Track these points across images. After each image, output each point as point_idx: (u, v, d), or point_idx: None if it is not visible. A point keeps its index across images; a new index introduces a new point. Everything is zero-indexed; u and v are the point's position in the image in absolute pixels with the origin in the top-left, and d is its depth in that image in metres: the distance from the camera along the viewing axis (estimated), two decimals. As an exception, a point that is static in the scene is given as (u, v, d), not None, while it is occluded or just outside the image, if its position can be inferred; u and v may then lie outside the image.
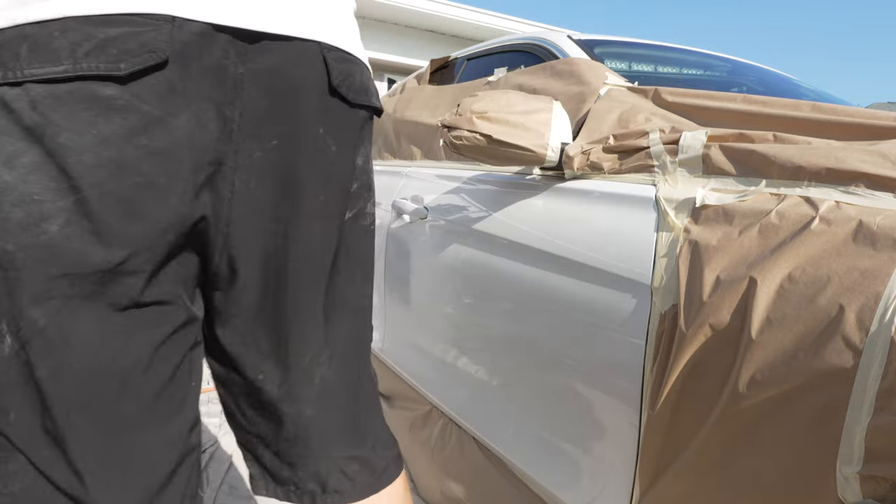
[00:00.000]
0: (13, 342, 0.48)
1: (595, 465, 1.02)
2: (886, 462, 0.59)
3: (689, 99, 1.10)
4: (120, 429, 0.53)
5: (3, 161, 0.46)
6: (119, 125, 0.48)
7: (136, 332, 0.53)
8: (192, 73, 0.51)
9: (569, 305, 1.08)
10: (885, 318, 0.61)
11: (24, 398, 0.48)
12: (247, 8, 0.54)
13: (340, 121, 0.60)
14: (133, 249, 0.50)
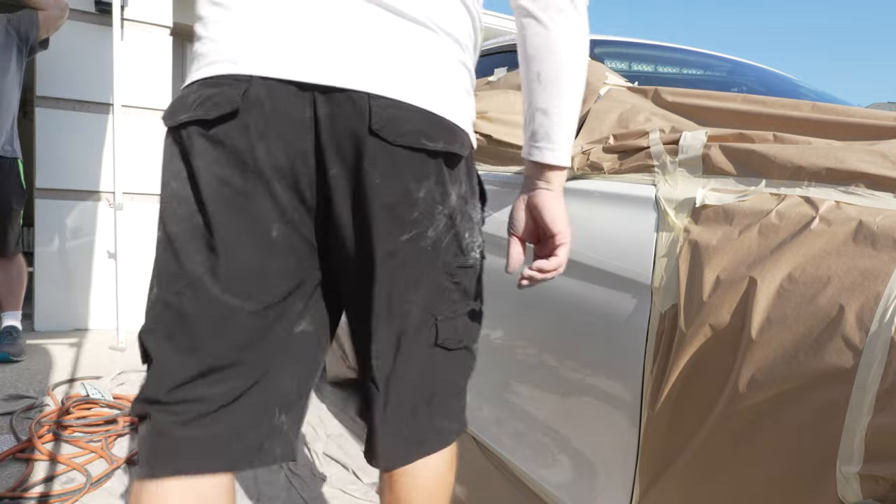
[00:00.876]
0: (184, 289, 0.74)
1: (595, 465, 1.02)
2: (886, 462, 0.59)
3: (689, 99, 1.10)
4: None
5: (174, 175, 0.73)
6: (219, 152, 0.71)
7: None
8: (265, 115, 0.70)
9: (569, 305, 1.08)
10: (885, 318, 0.61)
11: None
12: (313, 64, 0.70)
13: (384, 159, 0.73)
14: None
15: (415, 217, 0.76)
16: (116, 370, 2.53)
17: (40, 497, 1.51)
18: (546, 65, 0.82)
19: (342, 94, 0.71)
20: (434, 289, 0.81)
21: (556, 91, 0.82)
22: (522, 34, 0.84)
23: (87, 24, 3.09)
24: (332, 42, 0.71)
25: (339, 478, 1.72)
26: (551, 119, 0.83)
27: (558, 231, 0.85)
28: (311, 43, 0.71)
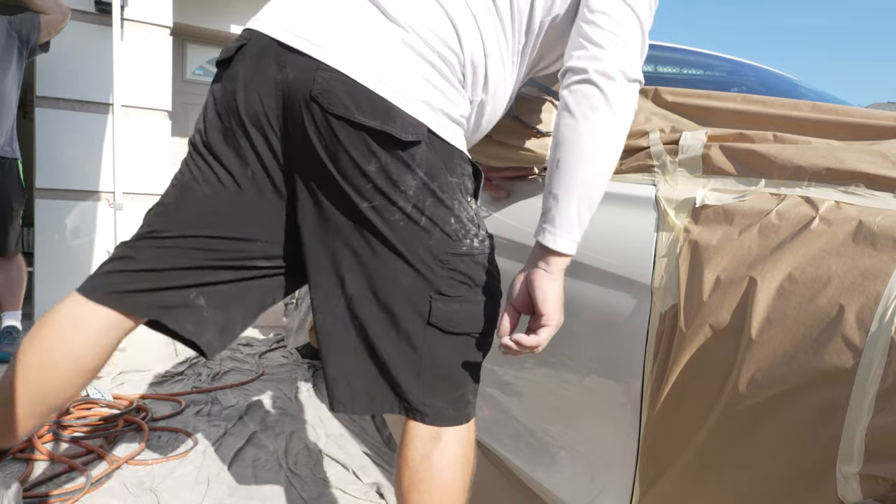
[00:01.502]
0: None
1: (595, 465, 1.02)
2: (886, 462, 0.59)
3: (689, 99, 1.10)
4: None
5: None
6: (221, 90, 0.92)
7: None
8: (249, 66, 0.88)
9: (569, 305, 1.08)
10: (885, 318, 0.61)
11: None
12: (294, 32, 0.86)
13: (324, 125, 0.86)
14: None
15: (369, 188, 0.87)
16: (116, 370, 2.53)
17: (40, 497, 1.51)
18: (567, 153, 0.85)
19: (303, 59, 0.85)
20: (425, 267, 0.90)
21: (571, 179, 0.85)
22: (556, 122, 0.88)
23: (87, 24, 3.09)
24: (320, 20, 0.86)
25: (339, 478, 1.72)
26: (560, 205, 0.86)
27: (546, 312, 0.87)
28: (305, 18, 0.87)
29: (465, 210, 0.93)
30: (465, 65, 0.90)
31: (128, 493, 1.58)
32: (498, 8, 0.90)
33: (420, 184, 0.88)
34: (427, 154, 0.88)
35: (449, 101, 0.89)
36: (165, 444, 1.88)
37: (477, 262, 0.94)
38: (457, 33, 0.88)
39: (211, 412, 2.14)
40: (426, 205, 0.89)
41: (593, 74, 0.83)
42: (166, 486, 1.62)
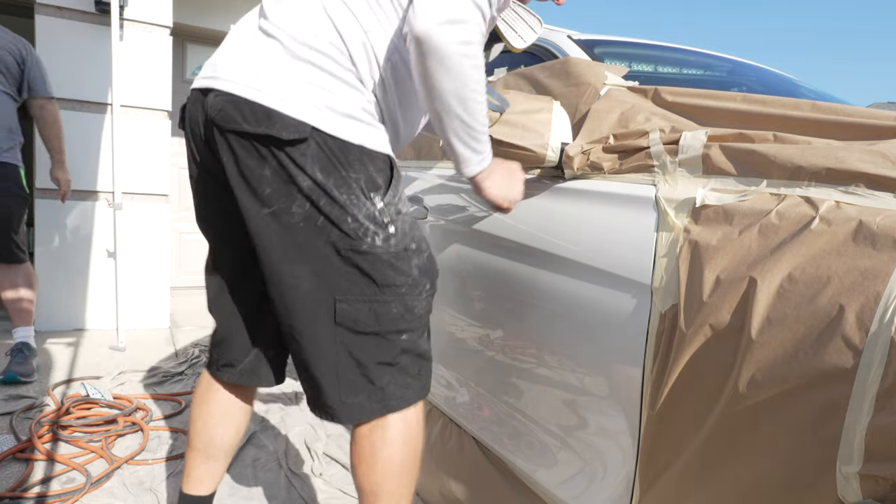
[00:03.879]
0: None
1: (595, 465, 1.02)
2: (886, 462, 0.59)
3: (689, 98, 1.10)
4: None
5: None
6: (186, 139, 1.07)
7: None
8: (188, 117, 1.04)
9: (569, 305, 1.08)
10: (885, 318, 0.61)
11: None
12: (204, 75, 0.99)
13: (223, 142, 0.96)
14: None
15: (269, 192, 0.94)
16: (116, 370, 2.53)
17: (40, 497, 1.51)
18: (426, 106, 0.99)
19: (207, 94, 0.97)
20: (327, 267, 0.95)
21: (440, 127, 1.00)
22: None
23: (87, 24, 3.08)
24: (223, 60, 0.98)
25: (339, 478, 1.72)
26: (451, 149, 1.04)
27: (492, 200, 1.13)
28: (215, 63, 0.99)
29: (363, 208, 0.95)
30: (350, 52, 0.93)
31: (128, 493, 1.58)
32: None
33: (312, 183, 0.92)
34: (318, 152, 0.92)
35: (339, 97, 0.93)
36: (165, 444, 1.88)
37: (382, 261, 0.96)
38: (334, 25, 0.93)
39: (211, 412, 2.14)
40: (322, 204, 0.93)
41: (409, 35, 0.89)
42: (166, 486, 1.62)
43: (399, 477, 1.02)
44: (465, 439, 1.46)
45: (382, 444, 1.01)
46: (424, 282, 1.01)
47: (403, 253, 0.98)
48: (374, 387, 0.99)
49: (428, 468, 1.57)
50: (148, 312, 3.33)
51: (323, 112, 0.92)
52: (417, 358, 1.02)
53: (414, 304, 1.00)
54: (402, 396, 1.01)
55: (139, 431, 1.93)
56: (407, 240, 0.99)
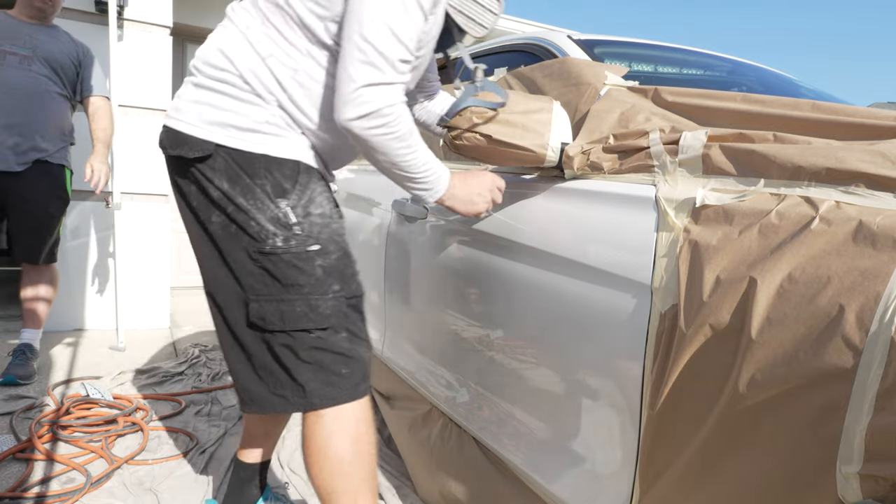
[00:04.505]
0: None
1: (595, 465, 1.02)
2: (886, 462, 0.59)
3: (689, 98, 1.10)
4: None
5: None
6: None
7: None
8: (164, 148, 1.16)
9: (569, 305, 1.08)
10: (885, 318, 0.61)
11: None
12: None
13: (168, 165, 1.15)
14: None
15: (196, 206, 1.10)
16: (116, 370, 2.53)
17: (40, 497, 1.51)
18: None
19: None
20: (243, 270, 1.07)
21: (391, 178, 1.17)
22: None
23: (87, 24, 3.09)
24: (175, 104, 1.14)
25: (339, 478, 1.72)
26: (410, 192, 1.20)
27: (460, 212, 1.25)
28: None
29: (268, 211, 1.05)
30: (245, 77, 1.06)
31: (128, 493, 1.58)
32: (268, 19, 1.06)
33: (221, 194, 1.06)
34: (224, 165, 1.06)
35: (238, 114, 1.06)
36: (165, 444, 1.88)
37: (284, 262, 1.05)
38: (227, 56, 1.07)
39: (211, 412, 2.14)
40: (230, 211, 1.06)
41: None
42: (166, 486, 1.62)
43: (345, 476, 1.09)
44: (465, 439, 1.46)
45: (323, 442, 1.08)
46: (330, 282, 1.07)
47: (305, 254, 1.06)
48: (295, 383, 1.08)
49: (428, 468, 1.57)
50: (148, 312, 3.33)
51: (225, 129, 1.06)
52: (341, 357, 1.08)
53: (318, 304, 1.06)
54: (325, 394, 1.07)
55: (139, 431, 1.93)
56: (310, 241, 1.06)
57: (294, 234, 1.05)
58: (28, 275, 2.46)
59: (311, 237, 1.06)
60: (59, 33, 2.49)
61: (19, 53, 2.34)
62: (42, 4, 2.40)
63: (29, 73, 2.34)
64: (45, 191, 2.40)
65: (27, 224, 2.39)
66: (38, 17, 2.43)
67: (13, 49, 2.33)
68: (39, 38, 2.40)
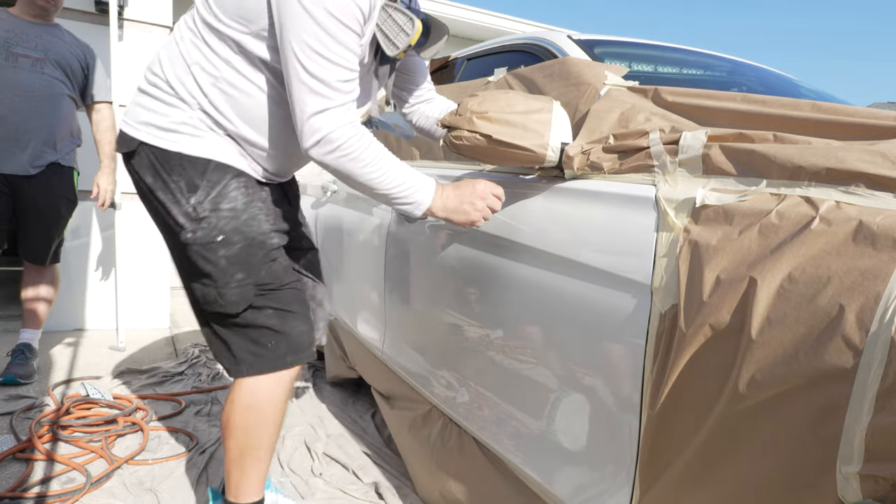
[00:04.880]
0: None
1: (595, 465, 1.02)
2: (886, 462, 0.59)
3: (690, 98, 1.10)
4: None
5: None
6: None
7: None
8: None
9: (569, 305, 1.08)
10: (885, 318, 0.61)
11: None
12: None
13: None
14: None
15: (139, 198, 1.26)
16: (116, 370, 2.53)
17: (40, 497, 1.51)
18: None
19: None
20: (175, 254, 1.25)
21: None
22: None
23: (87, 24, 3.09)
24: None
25: (339, 478, 1.72)
26: (394, 206, 1.25)
27: (453, 221, 1.25)
28: None
29: (181, 206, 1.17)
30: (170, 82, 1.17)
31: (128, 493, 1.58)
32: (199, 31, 1.17)
33: (146, 187, 1.20)
34: (147, 161, 1.19)
35: (160, 115, 1.18)
36: (165, 444, 1.88)
37: (194, 252, 1.19)
38: (160, 63, 1.19)
39: (211, 412, 2.14)
40: (154, 204, 1.21)
41: None
42: (166, 486, 1.62)
43: (238, 439, 1.26)
44: (465, 439, 1.46)
45: (231, 406, 1.26)
46: (233, 271, 1.19)
47: (210, 245, 1.17)
48: (230, 353, 1.26)
49: (428, 468, 1.57)
50: (148, 312, 3.33)
51: (148, 128, 1.18)
52: (267, 331, 1.24)
53: (224, 292, 1.19)
54: (251, 363, 1.24)
55: (139, 431, 1.93)
56: (214, 233, 1.17)
57: (201, 227, 1.17)
58: (29, 275, 2.47)
59: (215, 229, 1.17)
60: (64, 33, 2.49)
61: (31, 56, 2.33)
62: (45, 3, 2.40)
63: (42, 76, 2.34)
64: (56, 193, 2.42)
65: (37, 226, 2.40)
66: (40, 16, 2.42)
67: (25, 52, 2.33)
68: (49, 40, 2.40)
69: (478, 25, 4.81)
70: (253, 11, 1.10)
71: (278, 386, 1.26)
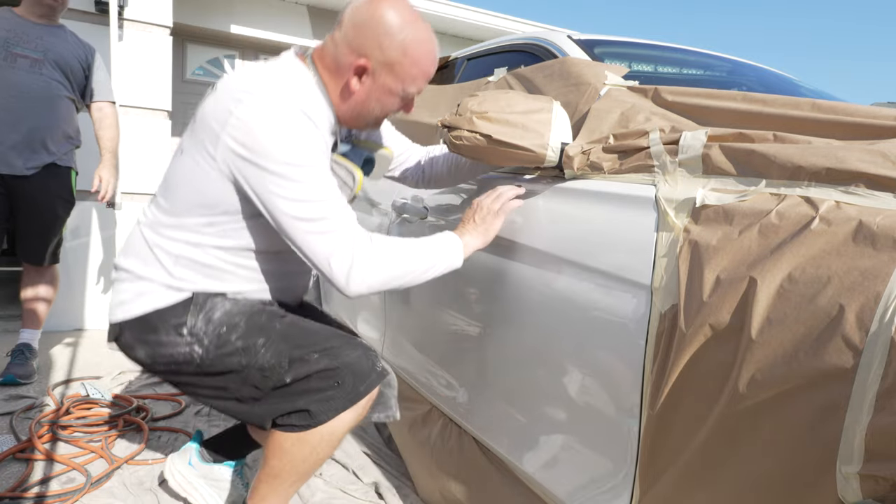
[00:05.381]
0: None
1: (595, 465, 1.02)
2: (886, 462, 0.59)
3: (690, 98, 1.10)
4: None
5: None
6: None
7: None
8: None
9: (569, 306, 1.08)
10: (885, 318, 0.61)
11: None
12: None
13: None
14: None
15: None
16: (116, 370, 2.53)
17: (40, 497, 1.51)
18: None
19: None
20: (204, 388, 1.27)
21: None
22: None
23: (87, 24, 3.09)
24: None
25: (338, 478, 1.72)
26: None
27: (476, 222, 1.25)
28: None
29: (179, 345, 1.20)
30: (131, 268, 1.22)
31: (128, 493, 1.58)
32: (153, 224, 1.23)
33: (148, 360, 1.24)
34: (133, 336, 1.23)
35: (128, 291, 1.22)
36: (165, 444, 1.88)
37: (215, 360, 1.20)
38: (122, 256, 1.25)
39: (211, 412, 2.14)
40: (164, 363, 1.23)
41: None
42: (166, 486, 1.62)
43: (281, 460, 1.21)
44: (465, 439, 1.46)
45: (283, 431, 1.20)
46: (253, 340, 1.17)
47: (221, 343, 1.17)
48: (305, 414, 1.17)
49: (428, 468, 1.57)
50: (148, 312, 3.33)
51: (120, 307, 1.20)
52: (325, 373, 1.15)
53: (260, 361, 1.16)
54: (327, 408, 1.16)
55: (139, 431, 1.93)
56: (219, 330, 1.18)
57: (206, 338, 1.17)
58: (29, 275, 2.47)
59: (217, 329, 1.18)
60: (67, 34, 2.48)
61: (30, 56, 2.32)
62: (52, 2, 2.38)
63: (40, 77, 2.33)
64: (52, 194, 2.41)
65: (34, 226, 2.39)
66: (46, 16, 2.40)
67: (24, 52, 2.32)
68: (50, 41, 2.39)
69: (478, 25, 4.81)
70: (214, 198, 1.13)
71: (342, 426, 1.18)
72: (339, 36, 1.14)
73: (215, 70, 4.49)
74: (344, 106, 1.18)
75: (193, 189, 1.14)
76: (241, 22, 4.29)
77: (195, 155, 1.12)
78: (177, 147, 1.20)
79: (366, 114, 1.20)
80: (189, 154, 1.13)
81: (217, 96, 1.10)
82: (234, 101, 1.06)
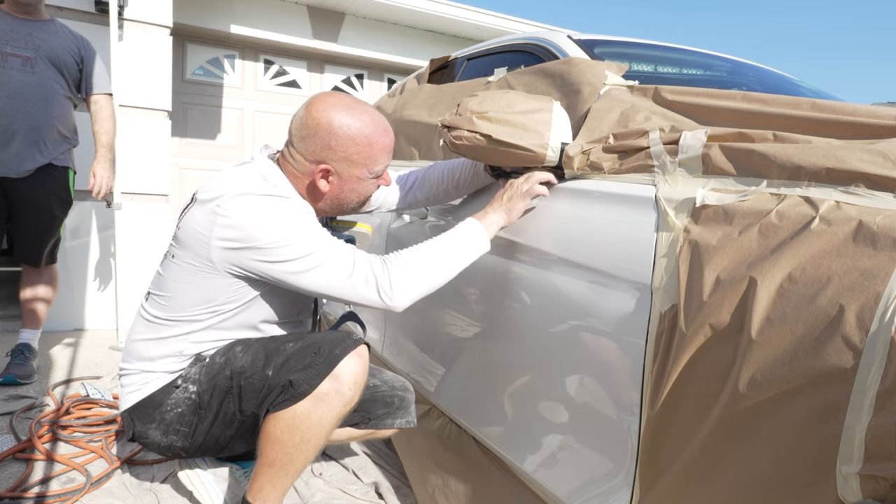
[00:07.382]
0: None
1: (595, 465, 1.02)
2: (886, 462, 0.59)
3: (690, 97, 1.10)
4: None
5: None
6: None
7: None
8: None
9: (569, 305, 1.08)
10: (885, 318, 0.61)
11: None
12: None
13: None
14: None
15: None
16: (116, 370, 2.53)
17: (40, 497, 1.50)
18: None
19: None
20: (223, 421, 1.33)
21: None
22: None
23: (87, 24, 3.09)
24: None
25: (338, 478, 1.72)
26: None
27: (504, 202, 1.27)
28: None
29: (184, 405, 1.30)
30: (133, 370, 1.32)
31: (128, 493, 1.58)
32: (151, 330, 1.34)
33: (159, 442, 1.35)
34: (136, 423, 1.32)
35: (135, 382, 1.32)
36: (165, 444, 1.88)
37: (209, 389, 1.29)
38: (126, 361, 1.34)
39: (211, 412, 2.14)
40: (176, 432, 1.33)
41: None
42: (166, 486, 1.62)
43: (274, 449, 1.24)
44: (464, 439, 1.46)
45: (273, 420, 1.23)
46: (233, 351, 1.25)
47: (209, 369, 1.26)
48: (288, 387, 1.21)
49: (428, 468, 1.57)
50: (148, 312, 3.33)
51: (126, 398, 1.30)
52: (302, 352, 1.21)
53: (240, 364, 1.24)
54: (307, 377, 1.20)
55: (139, 431, 1.93)
56: (212, 361, 1.27)
57: (204, 377, 1.26)
58: (28, 275, 2.46)
59: (212, 367, 1.26)
60: (58, 27, 2.43)
61: (21, 55, 2.29)
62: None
63: (33, 76, 2.30)
64: (49, 194, 2.39)
65: (30, 226, 2.38)
66: (28, 12, 2.35)
67: (14, 50, 2.28)
68: (41, 38, 2.35)
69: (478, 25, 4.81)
70: (217, 293, 1.22)
71: (330, 411, 1.20)
72: (292, 150, 1.26)
73: (215, 70, 4.49)
74: (320, 203, 1.29)
75: (193, 288, 1.23)
76: (241, 22, 4.29)
77: (191, 263, 1.21)
78: (166, 250, 1.30)
79: (345, 204, 1.31)
80: (181, 260, 1.23)
81: (197, 205, 1.20)
82: (214, 204, 1.16)
